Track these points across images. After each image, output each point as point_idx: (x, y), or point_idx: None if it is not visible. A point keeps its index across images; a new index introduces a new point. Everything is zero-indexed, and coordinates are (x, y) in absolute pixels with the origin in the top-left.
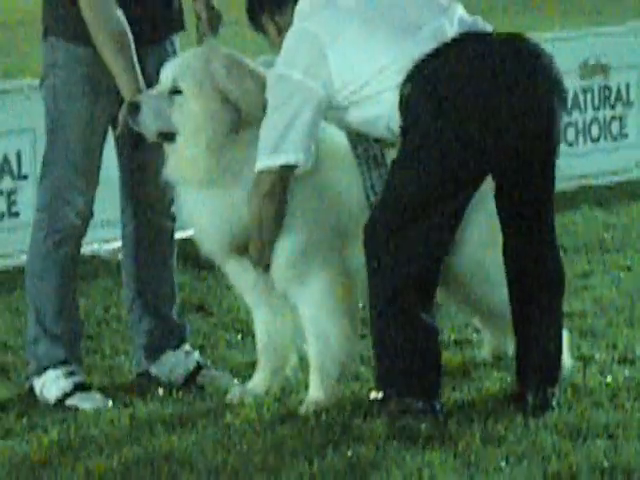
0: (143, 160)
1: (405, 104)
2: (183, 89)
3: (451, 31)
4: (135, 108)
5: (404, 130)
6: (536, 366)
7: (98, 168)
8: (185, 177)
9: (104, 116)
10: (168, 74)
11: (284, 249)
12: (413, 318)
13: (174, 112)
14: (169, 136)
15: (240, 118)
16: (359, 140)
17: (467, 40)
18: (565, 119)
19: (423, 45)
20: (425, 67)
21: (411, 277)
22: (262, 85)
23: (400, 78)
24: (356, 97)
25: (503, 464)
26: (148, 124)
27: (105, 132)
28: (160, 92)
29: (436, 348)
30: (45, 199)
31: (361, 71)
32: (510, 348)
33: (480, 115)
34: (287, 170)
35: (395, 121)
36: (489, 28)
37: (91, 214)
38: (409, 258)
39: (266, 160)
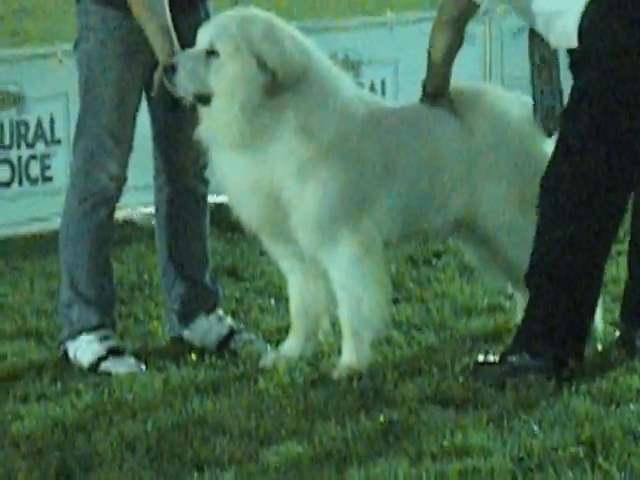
0: (177, 123)
1: (590, 19)
2: (220, 51)
3: None
4: (171, 69)
5: (586, 48)
6: None
7: (132, 132)
8: (219, 139)
9: (138, 80)
10: (205, 36)
11: (312, 212)
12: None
13: (210, 74)
14: (205, 98)
15: (275, 81)
16: (536, 40)
17: None
18: None
19: None
20: None
21: (592, 224)
22: (299, 49)
23: None
24: None
25: (536, 429)
26: (184, 85)
27: (139, 96)
28: (196, 53)
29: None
30: (79, 163)
31: None
32: None
33: None
34: (469, 5)
35: (573, 24)
36: None
37: (125, 178)
38: (591, 203)
39: None
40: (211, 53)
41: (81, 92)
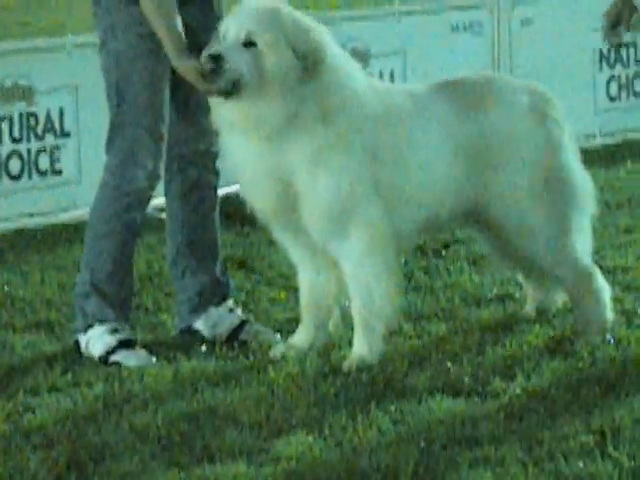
0: (190, 115)
1: None
2: (258, 42)
3: None
4: (218, 60)
5: None
6: None
7: (165, 126)
8: (251, 129)
9: (166, 73)
10: (240, 27)
11: (323, 201)
12: None
13: (247, 64)
14: (236, 89)
15: (307, 70)
16: None
17: None
18: (608, 73)
19: None
20: None
21: None
22: (322, 37)
23: None
24: None
25: (546, 418)
26: (230, 76)
27: (168, 89)
28: (235, 45)
29: None
30: (115, 162)
31: None
32: (552, 303)
33: None
34: None
35: None
36: None
37: (159, 175)
38: None
39: None
40: (248, 45)
41: (112, 91)
